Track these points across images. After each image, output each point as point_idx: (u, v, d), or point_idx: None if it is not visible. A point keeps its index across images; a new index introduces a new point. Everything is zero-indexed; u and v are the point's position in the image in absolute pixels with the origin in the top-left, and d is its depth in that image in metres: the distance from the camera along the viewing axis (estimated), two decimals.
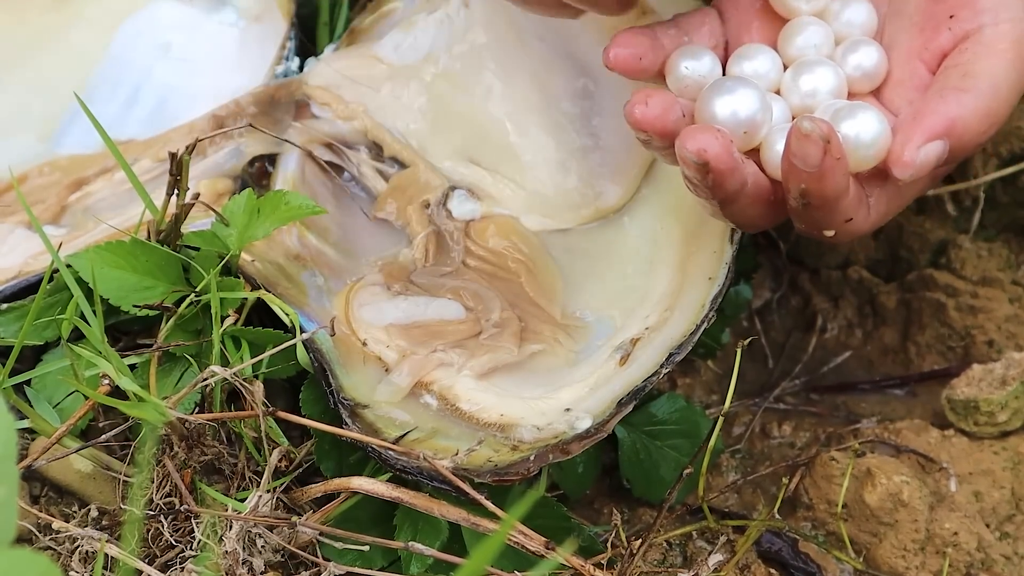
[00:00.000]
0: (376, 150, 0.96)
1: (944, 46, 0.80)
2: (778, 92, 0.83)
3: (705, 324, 0.83)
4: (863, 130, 0.77)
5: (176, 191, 0.83)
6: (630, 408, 0.81)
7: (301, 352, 0.84)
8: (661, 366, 0.82)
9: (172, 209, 0.85)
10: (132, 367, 0.83)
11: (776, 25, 0.85)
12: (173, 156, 0.82)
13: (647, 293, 0.89)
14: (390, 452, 0.79)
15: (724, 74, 0.82)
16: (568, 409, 0.82)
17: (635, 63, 0.82)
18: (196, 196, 0.84)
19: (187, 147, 0.83)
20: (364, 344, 0.86)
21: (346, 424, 0.81)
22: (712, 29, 0.85)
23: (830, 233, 0.79)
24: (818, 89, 0.81)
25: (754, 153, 0.80)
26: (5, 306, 0.87)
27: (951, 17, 0.80)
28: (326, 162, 0.96)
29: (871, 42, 0.83)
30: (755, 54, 0.83)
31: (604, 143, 0.95)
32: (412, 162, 0.95)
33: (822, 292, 1.05)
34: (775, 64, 0.83)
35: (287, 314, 0.83)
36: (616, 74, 0.82)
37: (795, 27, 0.84)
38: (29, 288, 0.87)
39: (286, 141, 0.95)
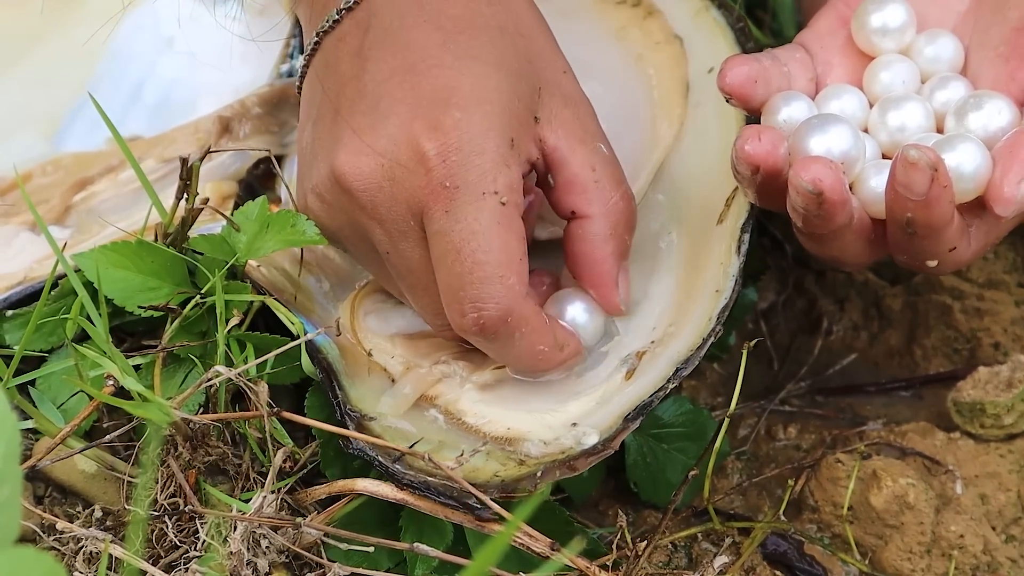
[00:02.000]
0: None
1: None
2: (866, 130, 0.83)
3: (712, 338, 0.83)
4: (964, 161, 0.77)
5: (186, 196, 0.83)
6: (636, 424, 0.81)
7: (307, 361, 0.84)
8: (668, 381, 0.82)
9: (180, 212, 0.84)
10: (137, 368, 0.83)
11: (860, 62, 0.85)
12: (184, 161, 0.82)
13: (653, 305, 0.88)
14: (397, 467, 0.78)
15: None
16: (575, 424, 0.82)
17: (751, 87, 0.82)
18: (205, 201, 0.84)
19: (200, 155, 0.82)
20: (369, 355, 0.85)
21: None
22: (804, 63, 0.85)
23: (933, 264, 0.79)
24: (906, 125, 0.81)
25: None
26: (11, 313, 0.87)
27: None
28: None
29: (958, 77, 0.83)
30: (841, 93, 0.83)
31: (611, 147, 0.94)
32: None
33: (828, 294, 1.05)
34: (861, 103, 0.83)
35: (292, 322, 0.83)
36: (602, 77, 0.83)
37: (880, 64, 0.84)
38: (35, 294, 0.87)
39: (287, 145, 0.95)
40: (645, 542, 0.83)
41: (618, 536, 0.84)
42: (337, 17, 0.79)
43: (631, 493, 0.90)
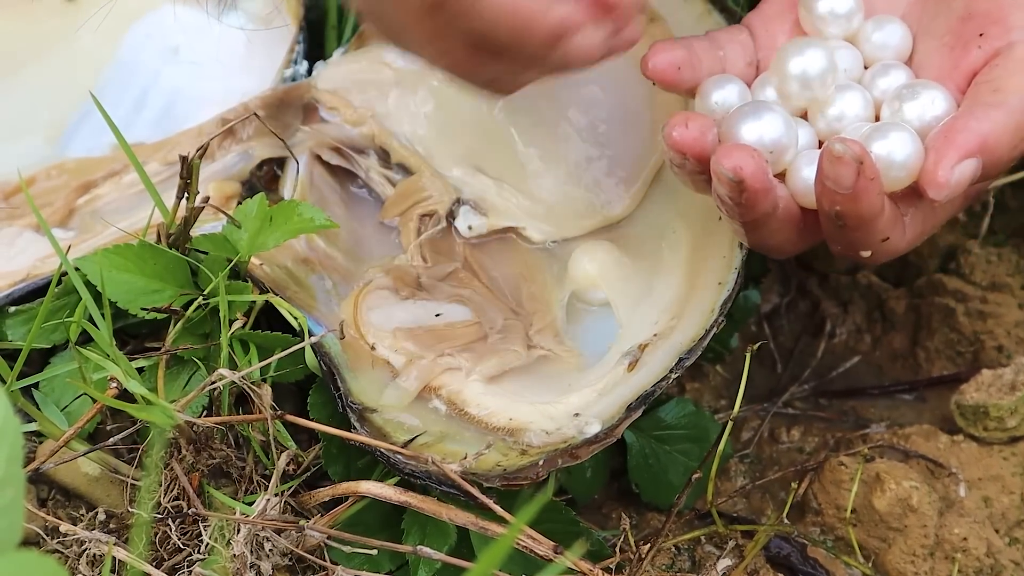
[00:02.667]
0: (384, 156, 0.96)
1: (974, 64, 0.80)
2: (804, 116, 0.83)
3: (715, 329, 0.83)
4: (895, 150, 0.77)
5: (186, 194, 0.83)
6: (639, 413, 0.81)
7: (310, 356, 0.84)
8: (671, 371, 0.82)
9: (182, 212, 0.85)
10: (140, 370, 0.83)
11: None
12: (184, 159, 0.82)
13: (656, 298, 0.89)
14: (399, 456, 0.79)
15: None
16: (577, 414, 0.82)
17: (674, 73, 0.82)
18: (206, 200, 0.84)
19: (198, 151, 0.83)
20: (372, 348, 0.86)
21: (355, 428, 0.81)
22: (744, 46, 0.85)
23: (867, 254, 0.79)
24: (844, 113, 0.81)
25: (780, 179, 0.80)
26: (13, 309, 0.87)
27: (981, 35, 0.79)
28: (335, 166, 0.96)
29: (899, 65, 0.83)
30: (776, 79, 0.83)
31: (611, 151, 0.95)
32: (418, 169, 0.95)
33: (831, 297, 1.05)
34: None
35: (296, 318, 0.83)
36: (612, 79, 0.82)
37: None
38: (37, 291, 0.88)
39: (288, 149, 0.95)
40: (648, 545, 0.83)
41: (621, 539, 0.84)
42: None
43: (634, 496, 0.90)
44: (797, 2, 0.86)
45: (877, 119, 0.82)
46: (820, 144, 0.81)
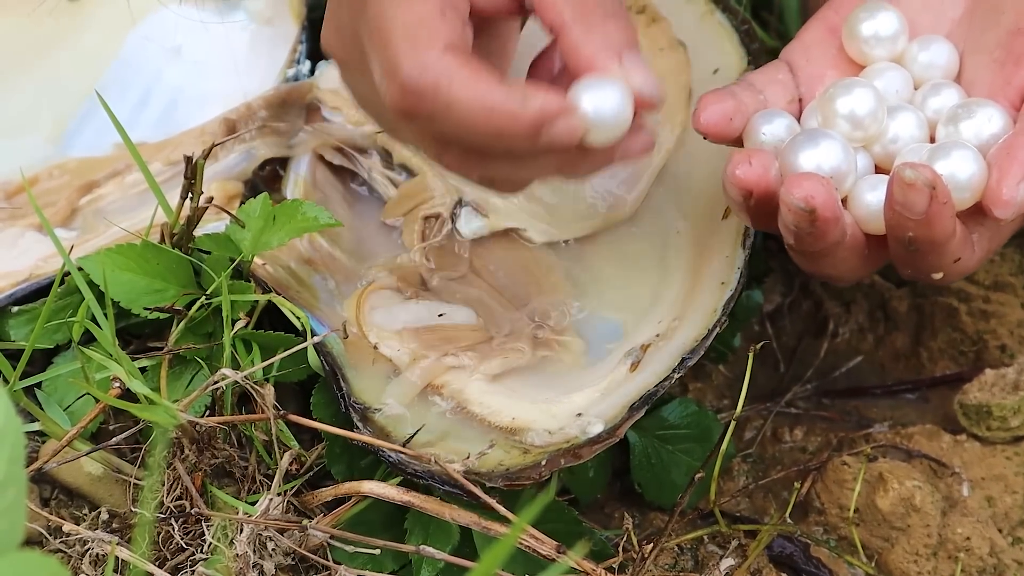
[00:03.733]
0: (386, 156, 0.96)
1: None
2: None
3: (718, 329, 0.83)
4: (958, 170, 0.76)
5: (190, 194, 0.83)
6: (642, 413, 0.81)
7: (312, 355, 0.84)
8: (673, 371, 0.82)
9: (185, 212, 0.85)
10: (143, 370, 0.83)
11: (852, 72, 0.84)
12: (188, 160, 0.82)
13: (659, 298, 0.89)
14: (401, 456, 0.79)
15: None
16: (580, 414, 0.82)
17: (727, 124, 0.80)
18: (210, 200, 0.84)
19: (203, 152, 0.83)
20: (375, 347, 0.86)
21: (357, 428, 0.81)
22: (783, 85, 0.84)
23: (938, 276, 0.78)
24: (899, 135, 0.80)
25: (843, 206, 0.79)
26: (16, 309, 0.87)
27: None
28: (338, 166, 0.96)
29: (951, 84, 0.82)
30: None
31: None
32: (420, 170, 0.95)
33: (833, 297, 1.05)
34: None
35: (298, 317, 0.83)
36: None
37: (872, 73, 0.83)
38: (40, 291, 0.88)
39: (291, 149, 0.95)
40: (651, 544, 0.83)
41: (624, 538, 0.84)
42: None
43: (637, 496, 0.90)
44: (837, 27, 0.85)
45: (931, 140, 0.81)
46: (876, 169, 0.81)
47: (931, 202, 0.72)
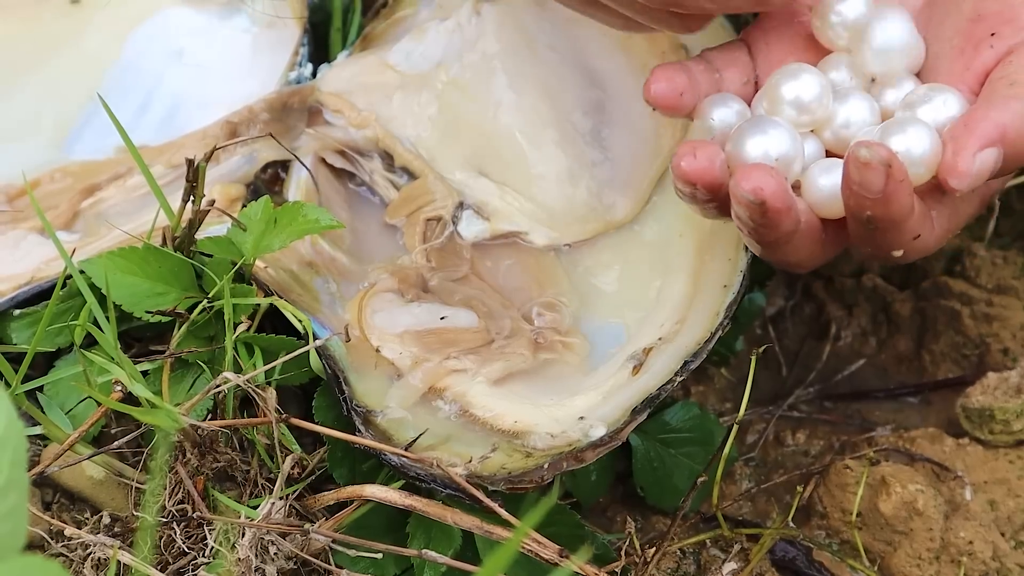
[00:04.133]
0: (388, 159, 0.96)
1: (987, 64, 0.79)
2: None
3: (720, 332, 0.83)
4: (913, 145, 0.75)
5: (192, 197, 0.83)
6: (644, 416, 0.81)
7: (314, 359, 0.84)
8: (676, 374, 0.82)
9: (187, 215, 0.85)
10: (144, 373, 0.83)
11: (808, 60, 0.83)
12: (190, 163, 0.82)
13: (661, 302, 0.89)
14: (403, 460, 0.79)
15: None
16: (582, 417, 0.82)
17: (676, 99, 0.81)
18: (212, 203, 0.84)
19: (205, 154, 0.83)
20: (377, 350, 0.86)
21: (359, 431, 0.81)
22: (741, 65, 0.84)
23: (898, 254, 0.78)
24: (852, 120, 0.80)
25: (796, 192, 0.79)
26: (18, 312, 0.87)
27: (992, 35, 0.79)
28: (339, 169, 0.96)
29: (909, 75, 0.82)
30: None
31: (614, 155, 0.94)
32: (422, 173, 0.95)
33: (836, 300, 1.04)
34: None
35: (300, 320, 0.83)
36: (618, 86, 0.81)
37: (830, 63, 0.83)
38: (42, 294, 0.87)
39: (294, 154, 0.95)
40: (654, 548, 0.83)
41: (626, 542, 0.84)
42: None
43: (639, 499, 0.90)
44: (797, 13, 0.85)
45: None
46: (828, 154, 0.81)
47: (888, 180, 0.72)
